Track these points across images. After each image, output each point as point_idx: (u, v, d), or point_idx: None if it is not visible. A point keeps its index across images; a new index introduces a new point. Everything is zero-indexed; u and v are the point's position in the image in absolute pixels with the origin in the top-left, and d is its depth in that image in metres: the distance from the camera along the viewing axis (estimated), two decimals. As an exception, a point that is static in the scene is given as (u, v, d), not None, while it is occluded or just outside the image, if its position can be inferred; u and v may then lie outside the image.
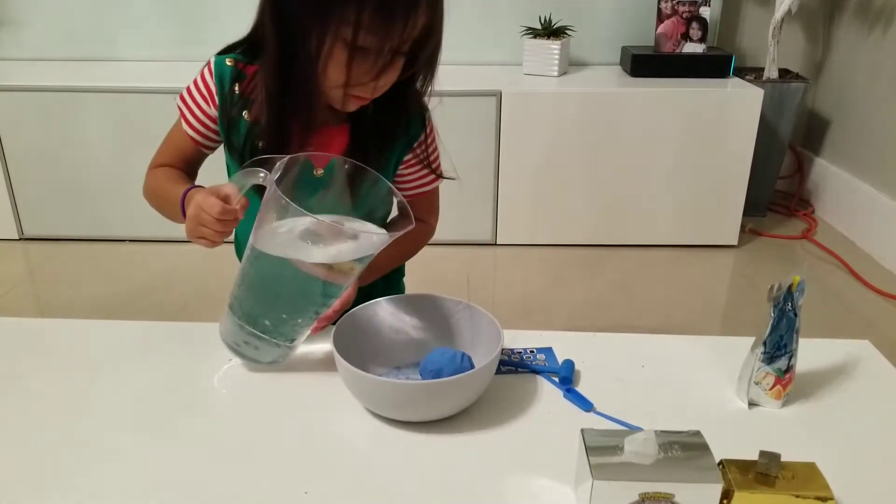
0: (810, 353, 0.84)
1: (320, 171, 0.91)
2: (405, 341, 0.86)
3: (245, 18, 0.92)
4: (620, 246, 2.42)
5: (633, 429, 0.67)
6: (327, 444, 0.74)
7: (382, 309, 0.87)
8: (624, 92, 2.32)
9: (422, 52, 0.88)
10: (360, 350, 0.81)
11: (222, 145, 1.01)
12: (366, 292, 0.93)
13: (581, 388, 0.82)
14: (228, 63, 0.96)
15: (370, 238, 0.79)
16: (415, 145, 1.02)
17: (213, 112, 0.98)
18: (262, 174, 0.77)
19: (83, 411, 0.78)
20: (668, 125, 2.29)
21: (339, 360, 0.75)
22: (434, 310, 0.88)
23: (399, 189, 1.03)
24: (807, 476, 0.62)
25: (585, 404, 0.80)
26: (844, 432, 0.77)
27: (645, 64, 2.43)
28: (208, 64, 0.97)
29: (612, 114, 2.29)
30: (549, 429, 0.76)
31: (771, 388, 0.79)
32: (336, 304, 0.86)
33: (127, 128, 2.31)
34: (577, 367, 0.85)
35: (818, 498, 0.60)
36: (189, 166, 1.03)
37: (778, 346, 0.78)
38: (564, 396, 0.81)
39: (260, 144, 0.93)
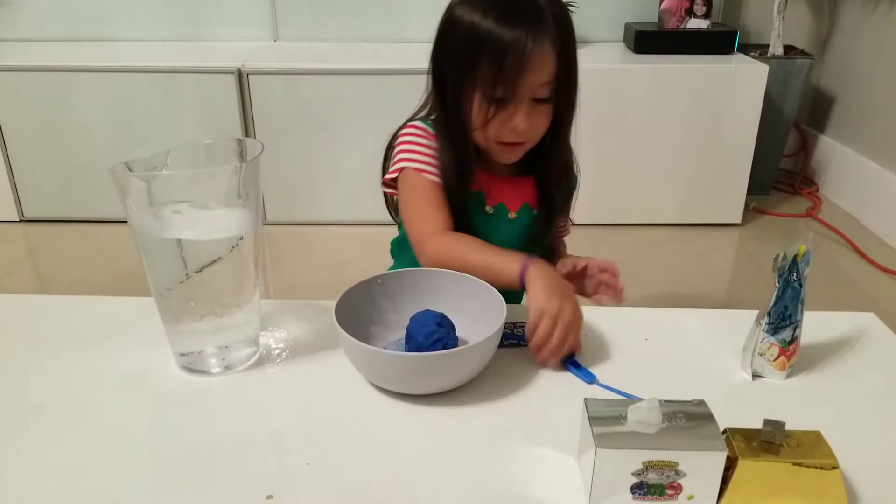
0: (815, 325, 0.83)
1: (513, 215, 1.03)
2: (408, 315, 0.85)
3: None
4: (624, 225, 2.41)
5: (637, 399, 0.67)
6: (329, 417, 0.73)
7: (385, 282, 0.86)
8: (628, 69, 2.30)
9: (560, 96, 0.94)
10: (363, 323, 0.81)
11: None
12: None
13: (584, 361, 0.82)
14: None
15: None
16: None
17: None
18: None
19: (82, 386, 0.78)
20: (672, 102, 2.27)
21: (341, 333, 0.74)
22: (439, 284, 0.87)
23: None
24: (812, 444, 0.61)
25: (588, 377, 0.79)
26: (849, 402, 0.76)
27: (649, 40, 2.41)
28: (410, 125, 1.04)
29: (616, 91, 2.27)
30: (551, 401, 0.76)
31: (775, 360, 0.79)
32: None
33: (125, 108, 2.30)
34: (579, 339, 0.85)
35: (823, 466, 0.60)
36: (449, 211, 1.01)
37: (782, 317, 0.77)
38: (567, 369, 0.81)
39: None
